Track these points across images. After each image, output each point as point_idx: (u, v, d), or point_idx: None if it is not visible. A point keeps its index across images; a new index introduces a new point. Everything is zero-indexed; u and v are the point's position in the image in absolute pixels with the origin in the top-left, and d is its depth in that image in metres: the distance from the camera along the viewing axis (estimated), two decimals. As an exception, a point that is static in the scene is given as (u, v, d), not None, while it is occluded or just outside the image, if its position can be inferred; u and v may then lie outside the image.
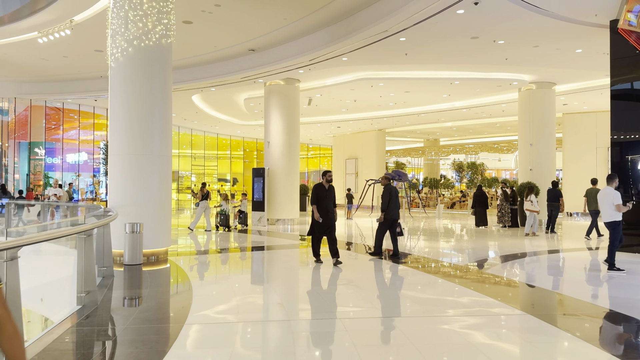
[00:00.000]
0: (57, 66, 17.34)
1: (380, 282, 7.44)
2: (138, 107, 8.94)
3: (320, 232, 8.73)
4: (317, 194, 8.65)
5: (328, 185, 8.82)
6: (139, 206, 8.94)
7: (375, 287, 7.12)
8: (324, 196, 8.64)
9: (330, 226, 8.65)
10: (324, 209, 8.61)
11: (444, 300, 6.20)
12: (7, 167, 22.33)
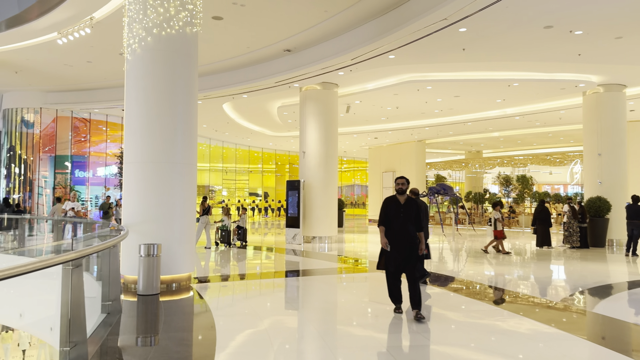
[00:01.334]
0: (81, 72, 16.42)
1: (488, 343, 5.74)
2: (158, 106, 7.58)
3: (395, 268, 5.95)
4: (386, 211, 5.95)
5: (405, 197, 5.96)
6: (157, 223, 7.53)
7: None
8: (396, 214, 5.88)
9: (409, 259, 5.82)
10: (398, 233, 5.83)
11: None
12: (36, 182, 21.60)
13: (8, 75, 16.53)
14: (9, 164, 21.44)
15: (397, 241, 5.84)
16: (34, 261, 3.16)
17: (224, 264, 11.67)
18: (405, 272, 5.86)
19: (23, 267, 3.03)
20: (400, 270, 5.94)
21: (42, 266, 3.30)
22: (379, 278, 8.85)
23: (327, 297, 7.74)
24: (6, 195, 21.43)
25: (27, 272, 3.12)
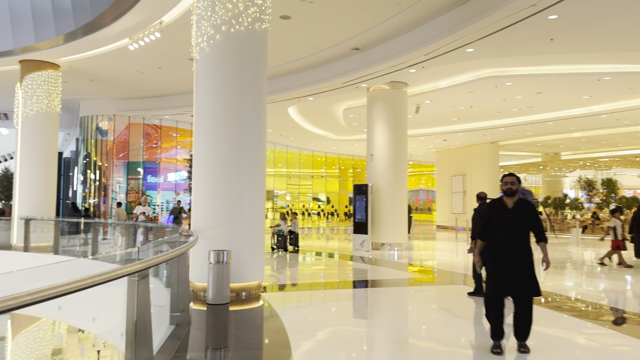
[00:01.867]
0: (152, 79, 16.71)
1: None
2: (226, 106, 7.26)
3: (501, 291, 4.63)
4: (490, 217, 4.72)
5: (514, 200, 4.69)
6: (226, 229, 7.18)
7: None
8: (501, 222, 4.62)
9: (519, 279, 4.53)
10: (505, 246, 4.56)
11: None
12: (110, 187, 22.38)
13: (84, 84, 17.14)
14: (85, 170, 22.35)
15: (503, 256, 4.57)
16: (95, 275, 2.78)
17: (288, 271, 11.26)
18: (513, 296, 4.63)
19: (81, 282, 2.65)
20: (505, 294, 4.66)
21: (104, 280, 2.92)
22: (458, 291, 8.05)
23: (405, 309, 7.06)
24: (75, 201, 22.38)
25: (85, 287, 2.75)
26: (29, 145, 14.33)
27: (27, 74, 14.11)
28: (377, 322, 6.28)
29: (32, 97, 14.12)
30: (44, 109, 14.26)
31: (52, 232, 13.77)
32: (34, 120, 14.20)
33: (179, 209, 14.94)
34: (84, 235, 16.63)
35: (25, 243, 13.61)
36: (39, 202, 14.38)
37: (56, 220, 13.97)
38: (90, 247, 15.40)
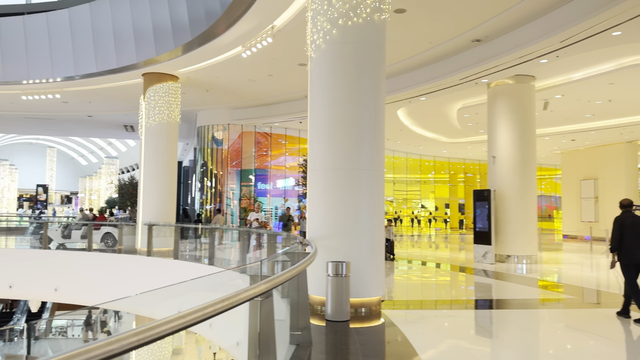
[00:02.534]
0: (263, 87, 16.88)
1: None
2: (343, 106, 6.71)
3: None
4: None
5: None
6: (343, 238, 6.62)
7: None
8: None
9: None
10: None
11: None
12: (225, 194, 23.19)
13: (201, 95, 17.82)
14: (202, 178, 23.37)
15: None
16: (217, 301, 2.28)
17: (401, 283, 10.43)
18: None
19: (203, 312, 2.16)
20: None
21: (229, 305, 2.41)
22: (603, 314, 6.68)
23: (546, 338, 5.94)
24: (186, 207, 23.44)
25: (209, 316, 2.26)
26: (151, 154, 15.07)
27: (150, 86, 14.87)
28: (523, 349, 5.27)
29: (154, 109, 14.85)
30: (165, 120, 14.92)
31: (172, 237, 14.28)
32: (156, 131, 14.91)
33: (287, 215, 14.80)
34: (201, 240, 17.20)
35: (149, 248, 14.26)
36: (161, 208, 15.04)
37: (176, 226, 14.49)
38: (206, 252, 15.84)
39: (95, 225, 17.08)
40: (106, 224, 17.59)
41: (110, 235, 16.78)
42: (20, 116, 22.27)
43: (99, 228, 16.92)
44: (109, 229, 16.85)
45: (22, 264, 16.17)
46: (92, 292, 15.22)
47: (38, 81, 16.16)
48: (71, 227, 17.06)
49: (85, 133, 41.49)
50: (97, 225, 17.08)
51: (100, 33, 14.85)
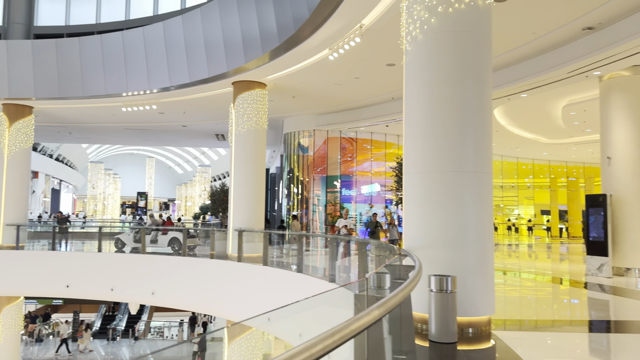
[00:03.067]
0: (349, 91, 16.50)
1: None
2: (443, 101, 6.07)
3: None
4: None
5: None
6: (446, 248, 5.95)
7: None
8: None
9: None
10: None
11: None
12: (311, 200, 23.12)
13: (287, 101, 17.82)
14: (289, 184, 23.47)
15: None
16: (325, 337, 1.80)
17: (511, 299, 9.42)
18: None
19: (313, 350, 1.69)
20: None
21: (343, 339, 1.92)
22: None
23: None
24: (268, 214, 23.54)
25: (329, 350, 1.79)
26: (240, 161, 15.22)
27: (239, 94, 15.04)
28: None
29: (243, 116, 14.99)
30: (253, 127, 15.01)
31: (262, 243, 14.25)
32: (244, 138, 15.04)
33: (375, 222, 14.17)
34: (288, 246, 17.11)
35: (239, 253, 14.34)
36: (250, 214, 15.12)
37: (265, 232, 14.46)
38: (293, 259, 15.68)
39: (164, 230, 18.11)
40: (173, 229, 18.49)
41: (176, 240, 17.63)
42: (121, 127, 23.75)
43: (167, 233, 17.87)
44: (175, 234, 17.75)
45: (121, 267, 17.00)
46: (188, 296, 15.62)
47: (136, 93, 17.01)
48: (142, 232, 17.85)
49: (180, 142, 43.73)
50: (165, 230, 18.05)
51: (192, 44, 15.30)
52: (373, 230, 14.32)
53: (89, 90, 17.47)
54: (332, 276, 9.92)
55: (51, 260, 18.08)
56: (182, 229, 18.18)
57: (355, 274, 10.95)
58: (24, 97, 17.67)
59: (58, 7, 22.57)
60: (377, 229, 14.33)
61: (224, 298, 14.36)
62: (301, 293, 11.44)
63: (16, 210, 18.23)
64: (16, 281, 17.29)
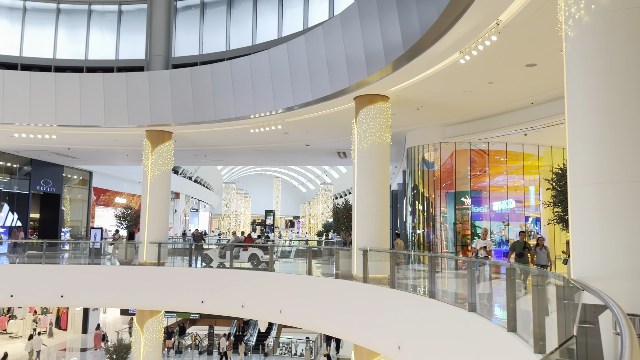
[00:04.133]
0: (481, 98, 15.18)
1: None
2: (625, 93, 4.83)
3: None
4: None
5: None
6: (633, 280, 4.65)
7: None
8: None
9: None
10: None
11: None
12: (437, 217, 21.82)
13: (411, 113, 16.96)
14: (414, 201, 22.39)
15: None
16: None
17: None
18: None
19: None
20: None
21: None
22: None
23: None
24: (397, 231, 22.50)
25: None
26: (363, 177, 14.69)
27: (361, 109, 14.58)
28: None
29: (365, 131, 14.48)
30: (377, 142, 14.42)
31: (388, 263, 13.48)
32: (367, 153, 14.50)
33: (522, 243, 12.40)
34: (414, 267, 16.06)
35: (364, 274, 13.70)
36: (375, 232, 14.46)
37: (391, 252, 13.67)
38: (421, 281, 14.61)
39: (244, 246, 19.18)
40: (253, 245, 19.65)
41: (255, 256, 18.64)
42: (249, 149, 24.72)
43: (247, 249, 18.93)
44: (254, 250, 18.73)
45: (252, 284, 17.30)
46: (314, 316, 15.35)
47: (263, 114, 17.43)
48: (226, 248, 19.13)
49: (303, 162, 44.79)
50: (245, 247, 19.10)
51: (314, 62, 15.25)
52: (520, 252, 12.41)
53: (220, 114, 18.34)
54: (472, 305, 8.79)
55: (188, 276, 19.10)
56: (261, 246, 19.63)
57: (500, 303, 9.65)
58: (164, 124, 19.09)
59: (192, 38, 24.38)
60: (524, 251, 12.42)
61: (350, 320, 13.79)
62: (434, 321, 10.41)
63: (158, 228, 19.63)
64: (158, 296, 18.50)
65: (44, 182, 29.98)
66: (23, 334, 28.42)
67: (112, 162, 33.44)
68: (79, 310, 30.17)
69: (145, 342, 18.86)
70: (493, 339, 7.82)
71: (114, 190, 40.45)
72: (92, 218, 36.19)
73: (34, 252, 21.95)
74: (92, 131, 20.10)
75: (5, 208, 27.43)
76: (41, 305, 28.53)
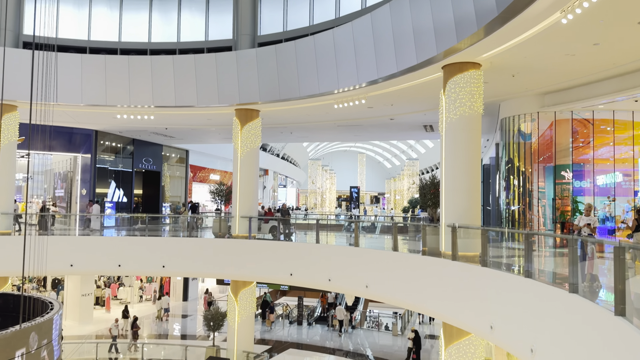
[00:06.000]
0: (584, 61, 13.82)
1: None
2: None
3: None
4: None
5: None
6: None
7: None
8: None
9: None
10: None
11: None
12: (534, 193, 20.49)
13: (505, 81, 15.85)
14: (508, 176, 21.19)
15: None
16: None
17: None
18: None
19: None
20: None
21: None
22: None
23: None
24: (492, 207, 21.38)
25: None
26: (452, 151, 14.09)
27: (450, 79, 13.88)
28: None
29: (454, 102, 13.80)
30: (467, 113, 13.71)
31: (479, 241, 12.90)
32: (457, 125, 13.85)
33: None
34: (507, 244, 15.28)
35: (453, 252, 13.27)
36: (464, 208, 13.89)
37: (482, 229, 13.05)
38: (516, 260, 13.87)
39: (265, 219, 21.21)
40: (274, 218, 21.74)
41: (276, 228, 20.59)
42: (333, 125, 24.71)
43: (268, 222, 20.99)
44: (274, 222, 20.85)
45: (338, 259, 17.47)
46: (401, 292, 15.22)
47: (347, 89, 17.24)
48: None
49: (388, 136, 44.14)
50: (267, 220, 21.11)
51: (399, 31, 14.72)
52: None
53: (304, 91, 18.43)
54: (573, 286, 8.13)
55: (277, 249, 19.72)
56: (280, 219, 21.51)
57: (606, 285, 8.87)
58: (252, 102, 19.58)
59: (277, 15, 24.58)
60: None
61: (438, 297, 13.47)
62: (530, 302, 9.80)
63: (248, 203, 20.37)
64: (249, 267, 19.33)
65: (145, 160, 32.28)
66: (131, 300, 31.19)
67: (206, 141, 35.16)
68: (179, 279, 32.46)
69: (240, 311, 19.85)
70: (598, 323, 7.20)
71: (209, 167, 42.65)
72: (190, 193, 38.51)
73: (139, 225, 23.84)
74: (186, 111, 21.14)
75: (112, 185, 29.95)
76: (145, 274, 31.09)
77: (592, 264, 8.99)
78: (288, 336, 26.53)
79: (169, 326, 28.39)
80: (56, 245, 18.72)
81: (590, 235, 10.16)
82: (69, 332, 23.13)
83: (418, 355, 21.37)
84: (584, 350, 7.54)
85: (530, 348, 9.11)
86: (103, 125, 26.60)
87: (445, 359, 13.45)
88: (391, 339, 25.99)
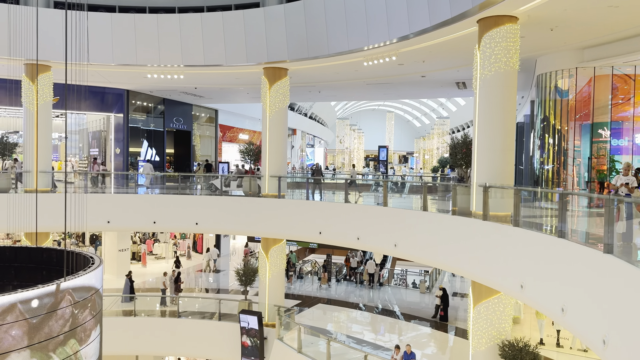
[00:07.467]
0: (629, 12, 13.05)
1: None
2: None
3: None
4: None
5: None
6: None
7: None
8: None
9: None
10: None
11: None
12: (570, 152, 19.92)
13: (543, 35, 15.16)
14: (543, 134, 20.61)
15: None
16: None
17: None
18: None
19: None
20: None
21: None
22: None
23: None
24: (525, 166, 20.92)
25: None
26: (486, 109, 13.72)
27: (485, 33, 13.36)
28: None
29: (489, 58, 13.32)
30: (502, 69, 13.24)
31: (511, 200, 12.73)
32: (492, 82, 13.43)
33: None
34: (540, 204, 15.04)
35: (484, 211, 13.15)
36: (497, 168, 13.65)
37: (515, 189, 12.84)
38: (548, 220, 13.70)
39: (243, 177, 23.23)
40: (247, 176, 23.12)
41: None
42: (362, 83, 24.31)
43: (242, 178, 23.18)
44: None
45: (367, 218, 17.57)
46: (430, 251, 15.28)
47: (377, 45, 16.83)
48: (230, 179, 24.33)
49: (418, 94, 43.19)
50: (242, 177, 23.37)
51: (433, -17, 14.15)
52: None
53: (333, 48, 18.08)
54: (608, 246, 8.00)
55: (306, 208, 19.93)
56: (250, 177, 22.66)
57: None
58: (280, 60, 19.35)
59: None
60: None
61: (468, 257, 13.47)
62: (562, 261, 9.71)
63: (277, 163, 20.50)
64: (279, 225, 19.65)
65: (176, 119, 32.66)
66: (166, 256, 32.31)
67: (235, 100, 35.19)
68: (212, 236, 33.35)
69: (270, 267, 20.36)
70: (633, 284, 7.11)
71: (237, 127, 42.87)
72: (220, 153, 38.96)
73: (171, 183, 24.39)
74: (214, 70, 21.10)
75: (144, 144, 30.52)
76: (179, 231, 32.04)
77: (630, 225, 8.78)
78: (317, 292, 27.15)
79: (204, 280, 29.41)
80: (94, 203, 19.41)
81: (628, 195, 9.88)
82: (107, 285, 24.24)
83: (446, 312, 21.62)
84: (617, 310, 7.49)
85: (561, 307, 9.10)
86: (134, 85, 26.86)
87: (474, 317, 13.58)
88: (419, 296, 26.32)
